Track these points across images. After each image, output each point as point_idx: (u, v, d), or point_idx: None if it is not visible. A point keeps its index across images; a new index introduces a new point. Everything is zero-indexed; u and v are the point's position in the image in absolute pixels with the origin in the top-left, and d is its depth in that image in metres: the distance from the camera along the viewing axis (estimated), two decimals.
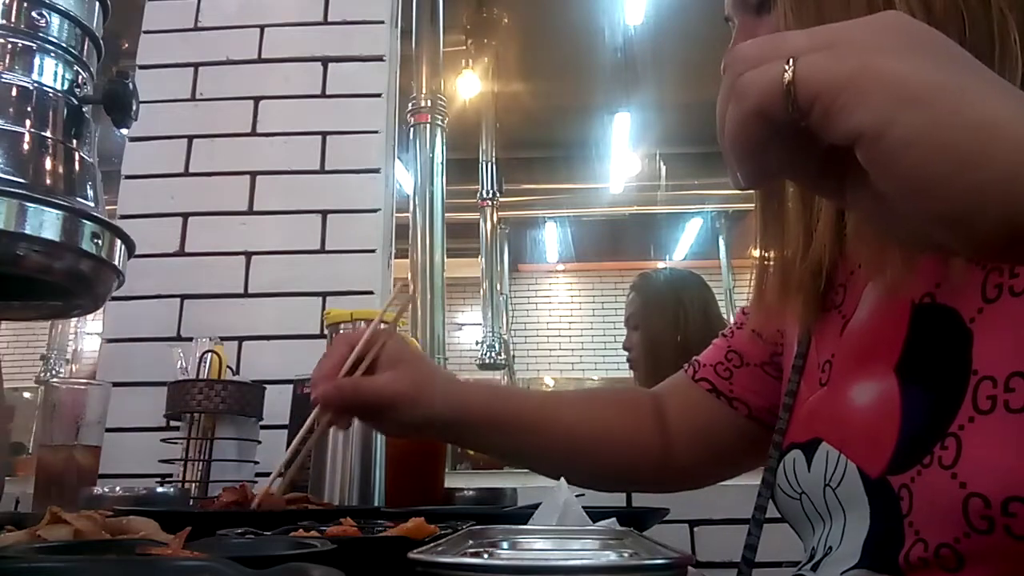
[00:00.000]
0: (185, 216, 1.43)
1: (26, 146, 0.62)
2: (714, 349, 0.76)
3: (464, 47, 3.98)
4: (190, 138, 1.47)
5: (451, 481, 1.08)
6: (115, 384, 1.11)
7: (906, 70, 0.32)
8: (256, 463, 1.14)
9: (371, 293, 1.38)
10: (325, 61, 1.51)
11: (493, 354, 4.86)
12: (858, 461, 0.51)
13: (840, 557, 0.52)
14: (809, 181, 0.39)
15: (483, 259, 4.76)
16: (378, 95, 1.50)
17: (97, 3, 0.71)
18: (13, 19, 0.65)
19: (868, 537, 0.50)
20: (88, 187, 0.66)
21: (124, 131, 0.76)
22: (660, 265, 5.70)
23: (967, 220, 0.31)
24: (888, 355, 0.51)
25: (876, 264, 0.51)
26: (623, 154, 4.88)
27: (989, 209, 0.30)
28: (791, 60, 0.33)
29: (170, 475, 1.13)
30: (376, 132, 1.48)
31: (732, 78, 0.35)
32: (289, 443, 1.14)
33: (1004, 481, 0.41)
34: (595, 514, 0.62)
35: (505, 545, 0.38)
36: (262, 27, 1.53)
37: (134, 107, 0.68)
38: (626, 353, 1.99)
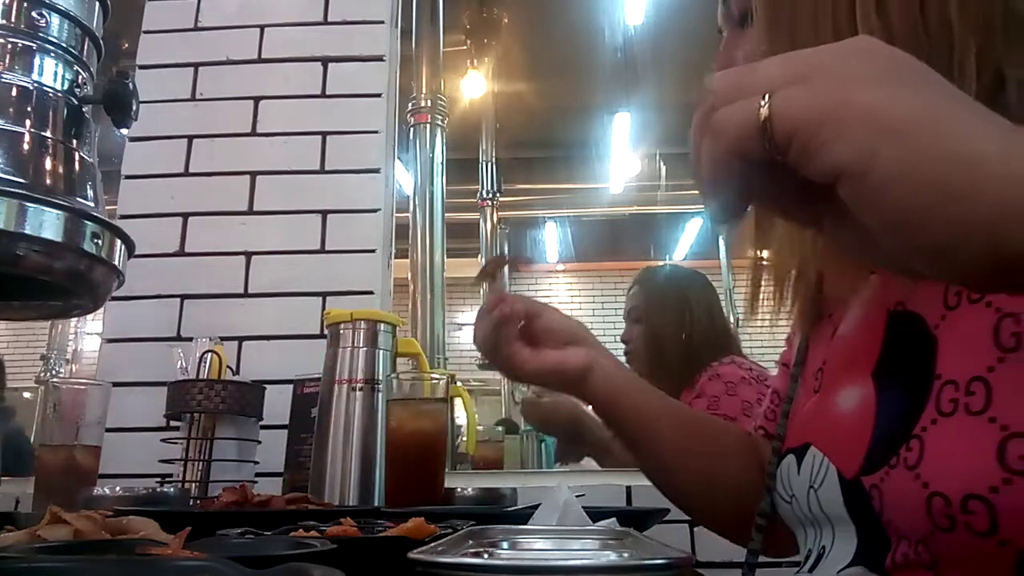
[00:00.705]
0: (185, 216, 1.43)
1: (26, 146, 0.62)
2: (766, 398, 0.77)
3: (464, 47, 3.98)
4: (190, 138, 1.47)
5: (451, 481, 1.08)
6: (115, 384, 1.11)
7: (884, 100, 0.31)
8: (256, 463, 1.14)
9: (371, 293, 1.39)
10: (325, 61, 1.51)
11: None
12: (838, 463, 0.52)
13: (835, 557, 0.53)
14: (786, 212, 0.38)
15: (483, 259, 4.76)
16: (378, 95, 1.50)
17: (97, 3, 0.71)
18: (13, 19, 0.65)
19: (859, 539, 0.51)
20: (88, 187, 0.66)
21: (124, 131, 0.76)
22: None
23: (950, 252, 0.30)
24: (868, 361, 0.53)
25: (837, 273, 0.52)
26: (623, 154, 4.88)
27: (972, 240, 0.30)
28: (766, 96, 0.32)
29: (170, 475, 1.13)
30: (376, 132, 1.48)
31: (705, 113, 0.35)
32: (289, 443, 1.14)
33: (962, 480, 0.42)
34: (595, 514, 0.62)
35: (505, 545, 0.37)
36: (262, 27, 1.53)
37: (134, 107, 0.67)
38: (623, 347, 1.98)
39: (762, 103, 0.32)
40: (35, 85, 0.65)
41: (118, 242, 0.66)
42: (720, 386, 1.64)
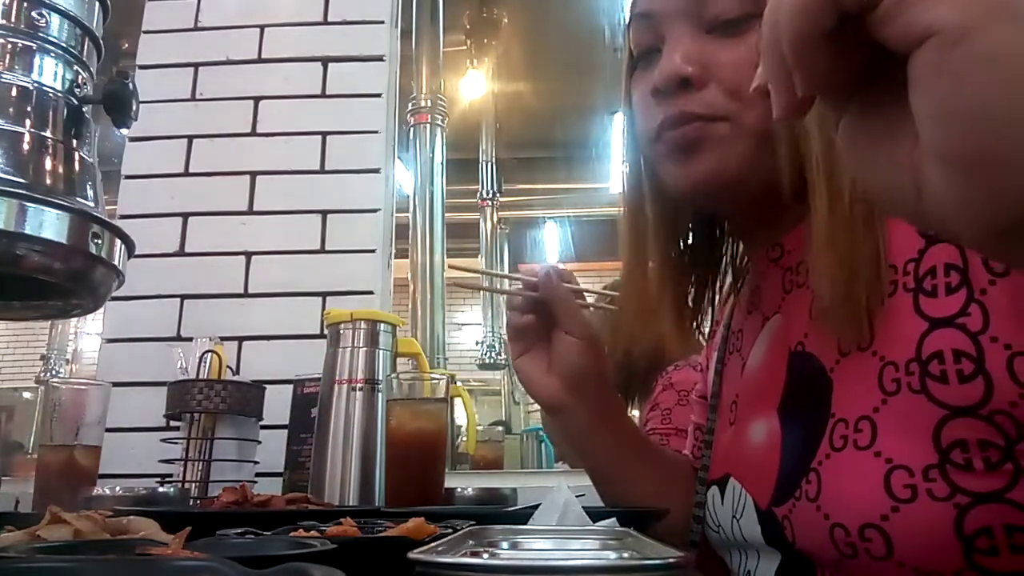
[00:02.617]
0: (185, 216, 1.43)
1: (26, 146, 0.62)
2: (689, 435, 0.79)
3: (464, 47, 3.98)
4: (190, 138, 1.47)
5: (451, 481, 1.08)
6: (115, 384, 1.11)
7: None
8: (256, 463, 1.14)
9: (371, 293, 1.39)
10: (325, 61, 1.51)
11: (493, 354, 4.87)
12: (753, 494, 0.56)
13: None
14: (829, 87, 0.31)
15: (483, 259, 4.76)
16: (378, 95, 1.50)
17: (97, 3, 0.71)
18: (13, 19, 0.65)
19: (781, 563, 0.54)
20: (88, 187, 0.66)
21: (124, 131, 0.76)
22: None
23: (1011, 177, 0.25)
24: (773, 397, 0.57)
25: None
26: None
27: None
28: None
29: (170, 475, 1.13)
30: (376, 132, 1.48)
31: None
32: (289, 443, 1.14)
33: (857, 510, 0.46)
34: (595, 514, 0.62)
35: (505, 545, 0.37)
36: (262, 27, 1.53)
37: (134, 107, 0.67)
38: None
39: None
40: (35, 85, 0.65)
41: (118, 242, 0.66)
42: (673, 396, 1.62)
